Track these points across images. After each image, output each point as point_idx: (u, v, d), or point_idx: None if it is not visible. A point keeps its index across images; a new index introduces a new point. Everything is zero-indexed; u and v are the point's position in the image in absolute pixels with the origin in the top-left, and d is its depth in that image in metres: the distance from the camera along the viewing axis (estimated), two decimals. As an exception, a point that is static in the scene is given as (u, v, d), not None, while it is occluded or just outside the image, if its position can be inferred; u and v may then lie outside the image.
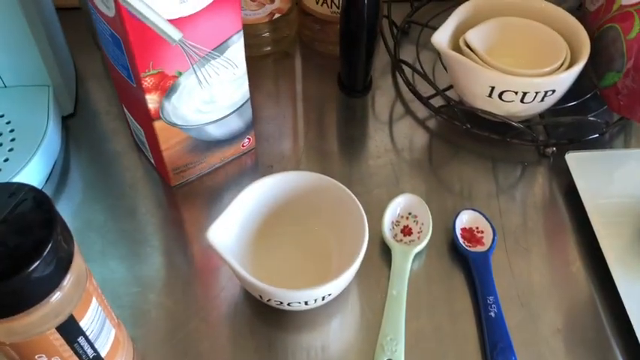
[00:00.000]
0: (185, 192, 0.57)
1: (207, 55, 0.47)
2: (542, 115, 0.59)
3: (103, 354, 0.37)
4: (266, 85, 0.67)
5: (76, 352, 0.35)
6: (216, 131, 0.54)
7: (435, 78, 0.65)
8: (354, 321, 0.48)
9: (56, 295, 0.31)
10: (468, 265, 0.50)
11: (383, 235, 0.51)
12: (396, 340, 0.45)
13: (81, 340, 0.35)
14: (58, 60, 0.58)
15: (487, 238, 0.51)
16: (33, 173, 0.53)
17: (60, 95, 0.60)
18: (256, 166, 0.60)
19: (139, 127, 0.53)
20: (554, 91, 0.53)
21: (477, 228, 0.52)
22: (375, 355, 0.45)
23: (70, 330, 0.33)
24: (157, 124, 0.49)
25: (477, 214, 0.52)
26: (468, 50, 0.56)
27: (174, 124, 0.50)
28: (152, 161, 0.57)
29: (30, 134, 0.55)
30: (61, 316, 0.32)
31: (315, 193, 0.49)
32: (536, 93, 0.53)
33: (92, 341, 0.36)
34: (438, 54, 0.67)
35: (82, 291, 0.33)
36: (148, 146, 0.54)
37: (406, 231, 0.52)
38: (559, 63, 0.54)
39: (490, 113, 0.55)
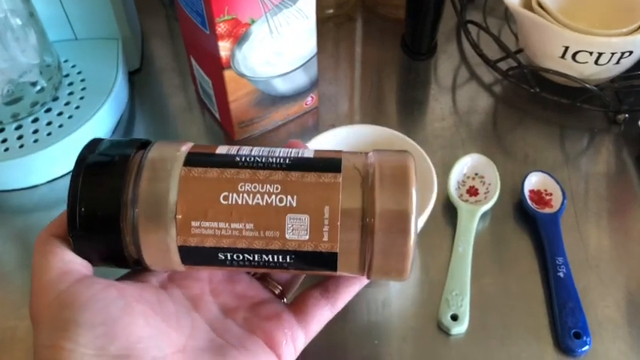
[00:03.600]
0: (248, 147, 0.57)
1: (280, 3, 0.47)
2: (612, 80, 0.58)
3: None
4: (328, 48, 0.66)
5: None
6: (282, 86, 0.54)
7: (501, 44, 0.64)
8: (417, 277, 0.48)
9: None
10: (536, 227, 0.49)
11: (449, 193, 0.50)
12: (461, 296, 0.45)
13: None
14: (127, 14, 0.59)
15: (556, 201, 0.50)
16: (102, 122, 0.55)
17: (127, 49, 0.60)
18: (318, 126, 0.60)
19: (206, 78, 0.54)
20: (631, 52, 0.52)
21: (546, 190, 0.51)
22: (440, 309, 0.45)
23: None
24: (227, 74, 0.50)
25: (546, 176, 0.51)
26: (540, 10, 0.54)
27: (243, 75, 0.50)
28: (217, 116, 0.57)
29: (100, 84, 0.56)
30: None
31: (381, 147, 0.49)
32: (612, 54, 0.51)
33: None
34: (505, 18, 0.66)
35: None
36: (214, 99, 0.55)
37: (472, 191, 0.51)
38: (637, 24, 0.53)
39: (562, 74, 0.54)
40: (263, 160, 0.30)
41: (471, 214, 0.49)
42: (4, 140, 0.51)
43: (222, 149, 0.31)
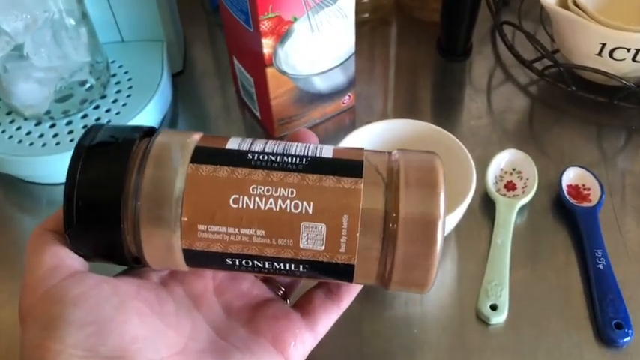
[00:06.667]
0: (287, 145, 0.58)
1: (321, 2, 0.49)
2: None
3: None
4: (364, 51, 0.68)
5: None
6: (321, 84, 0.56)
7: (536, 45, 0.65)
8: (455, 269, 0.48)
9: None
10: (574, 221, 0.49)
11: (487, 187, 0.51)
12: (500, 286, 0.45)
13: None
14: (171, 18, 0.62)
15: (594, 195, 0.50)
16: (147, 119, 0.56)
17: (171, 52, 0.63)
18: (354, 125, 0.61)
19: (248, 76, 0.55)
20: (669, 49, 0.52)
21: (584, 185, 0.51)
22: (479, 300, 0.45)
23: None
24: (269, 71, 0.51)
25: (583, 171, 0.52)
26: (576, 9, 0.55)
27: (284, 72, 0.52)
28: (257, 114, 0.59)
29: (145, 84, 0.58)
30: None
31: (420, 142, 0.50)
32: (650, 51, 0.52)
33: None
34: (540, 20, 0.67)
35: None
36: (255, 97, 0.56)
37: (509, 186, 0.52)
38: (675, 21, 0.53)
39: (600, 71, 0.54)
40: (278, 160, 0.27)
41: (509, 208, 0.49)
42: (56, 135, 0.54)
43: (233, 143, 0.28)
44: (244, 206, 0.26)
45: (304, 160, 0.27)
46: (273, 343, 0.30)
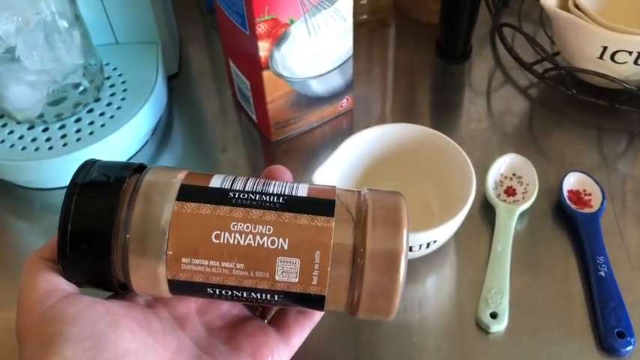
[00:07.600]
0: (284, 149, 0.58)
1: (319, 4, 0.48)
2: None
3: None
4: (362, 53, 0.67)
5: None
6: (318, 87, 0.55)
7: (536, 47, 0.64)
8: (454, 276, 0.48)
9: None
10: (575, 227, 0.49)
11: (486, 193, 0.50)
12: (500, 294, 0.44)
13: None
14: (166, 20, 0.61)
15: (595, 201, 0.50)
16: (142, 122, 0.56)
17: (166, 53, 0.62)
18: (352, 128, 0.60)
19: (244, 79, 0.55)
20: (671, 52, 0.51)
21: (585, 191, 0.50)
22: (479, 308, 0.44)
23: None
24: (266, 74, 0.50)
25: (584, 176, 0.51)
26: (577, 11, 0.54)
27: (280, 75, 0.51)
28: (254, 117, 0.58)
29: (140, 87, 0.57)
30: None
31: (419, 146, 0.49)
32: (652, 54, 0.51)
33: None
34: (540, 22, 0.66)
35: None
36: (252, 100, 0.56)
37: (510, 191, 0.51)
38: (677, 24, 0.52)
39: (601, 74, 0.54)
40: (257, 198, 0.30)
41: (510, 214, 0.49)
42: (49, 139, 0.53)
43: (216, 180, 0.31)
44: (225, 241, 0.29)
45: (281, 198, 0.30)
46: (252, 358, 0.32)
